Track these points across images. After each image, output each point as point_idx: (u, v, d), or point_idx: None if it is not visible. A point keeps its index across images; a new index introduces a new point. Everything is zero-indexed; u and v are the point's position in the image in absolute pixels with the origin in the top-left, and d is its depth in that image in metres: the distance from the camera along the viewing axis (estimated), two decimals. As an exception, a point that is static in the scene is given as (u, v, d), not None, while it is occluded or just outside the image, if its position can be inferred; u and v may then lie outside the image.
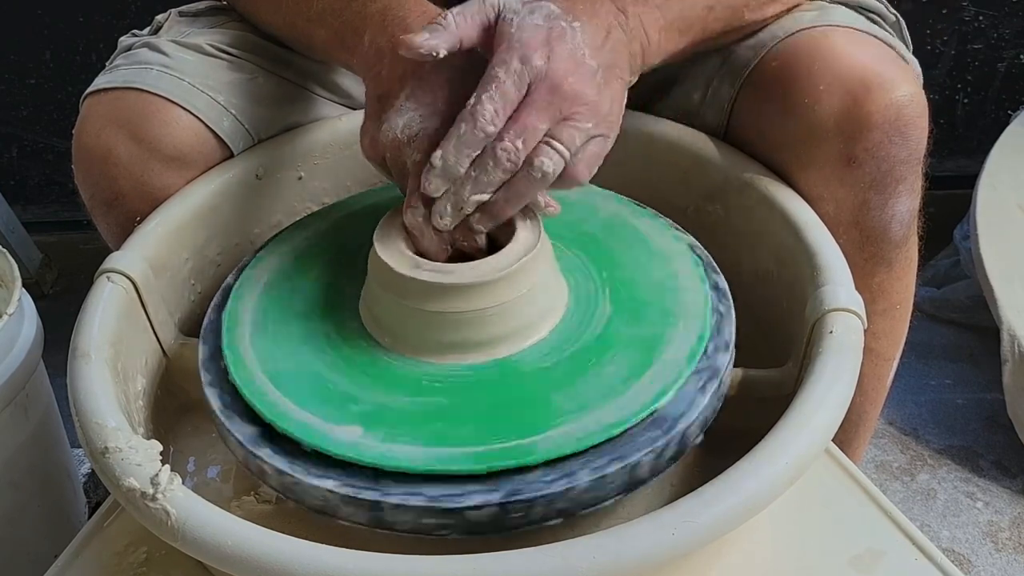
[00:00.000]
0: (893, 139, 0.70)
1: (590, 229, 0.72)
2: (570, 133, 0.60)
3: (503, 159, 0.58)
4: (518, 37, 0.59)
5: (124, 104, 0.75)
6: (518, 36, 0.59)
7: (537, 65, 0.59)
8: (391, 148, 0.62)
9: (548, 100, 0.59)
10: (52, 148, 1.70)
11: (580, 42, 0.61)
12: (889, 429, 1.30)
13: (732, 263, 0.72)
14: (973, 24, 1.51)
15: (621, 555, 0.48)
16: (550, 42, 0.60)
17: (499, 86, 0.58)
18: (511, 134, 0.58)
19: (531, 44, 0.59)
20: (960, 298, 1.42)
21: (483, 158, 0.59)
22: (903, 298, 0.81)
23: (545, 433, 0.57)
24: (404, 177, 0.63)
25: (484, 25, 0.62)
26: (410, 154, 0.62)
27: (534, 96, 0.59)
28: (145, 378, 0.70)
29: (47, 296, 1.71)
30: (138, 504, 0.53)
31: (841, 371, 0.58)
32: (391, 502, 0.55)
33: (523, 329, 0.63)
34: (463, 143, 0.58)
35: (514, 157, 0.59)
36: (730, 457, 0.53)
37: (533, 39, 0.59)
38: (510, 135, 0.58)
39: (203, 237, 0.78)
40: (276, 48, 0.83)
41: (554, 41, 0.60)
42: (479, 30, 0.62)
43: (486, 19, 0.62)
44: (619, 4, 0.65)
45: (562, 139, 0.59)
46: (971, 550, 1.13)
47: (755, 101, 0.76)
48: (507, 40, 0.60)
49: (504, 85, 0.58)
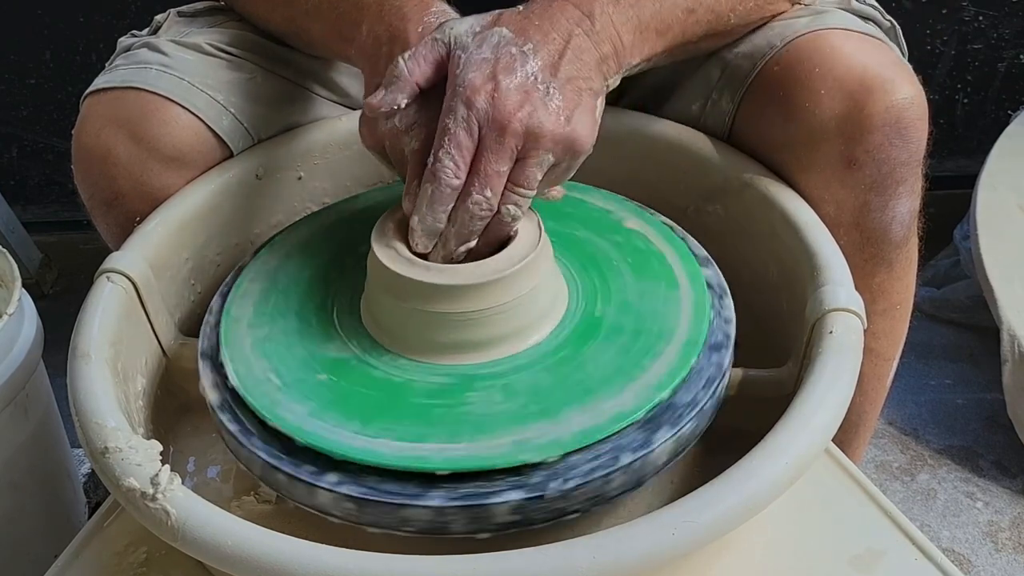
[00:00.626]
0: (893, 141, 0.70)
1: (587, 227, 0.72)
2: (529, 173, 0.60)
3: (476, 210, 0.60)
4: (462, 79, 0.59)
5: (123, 104, 0.75)
6: (462, 78, 0.59)
7: (482, 108, 0.58)
8: (390, 137, 0.63)
9: (500, 142, 0.59)
10: (52, 148, 1.70)
11: (532, 67, 0.60)
12: (889, 429, 1.30)
13: (732, 263, 0.72)
14: (973, 24, 1.51)
15: (621, 555, 0.48)
16: (496, 76, 0.59)
17: (451, 138, 0.59)
18: (476, 187, 0.59)
19: (474, 85, 0.59)
20: (960, 298, 1.42)
21: (459, 213, 0.60)
22: (903, 298, 0.81)
23: (564, 425, 0.57)
24: (403, 165, 0.63)
25: (438, 62, 0.62)
26: (408, 142, 0.62)
27: (486, 141, 0.59)
28: (145, 378, 0.70)
29: (47, 296, 1.71)
30: (138, 504, 0.53)
31: (841, 371, 0.58)
32: (419, 503, 0.55)
33: (524, 329, 0.63)
34: (434, 202, 0.60)
35: (486, 205, 0.60)
36: (730, 457, 0.53)
37: (476, 78, 0.59)
38: (476, 188, 0.59)
39: (203, 237, 0.78)
40: (275, 47, 0.83)
41: (500, 74, 0.59)
42: (433, 69, 0.62)
43: (439, 56, 0.62)
44: (584, 8, 0.64)
45: (521, 182, 0.60)
46: (971, 550, 1.13)
47: (756, 108, 0.76)
48: (452, 84, 0.60)
49: (456, 136, 0.59)
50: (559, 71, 0.61)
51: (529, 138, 0.59)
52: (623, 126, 0.82)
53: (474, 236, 0.61)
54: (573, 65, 0.62)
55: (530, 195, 0.61)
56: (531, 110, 0.59)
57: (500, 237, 0.63)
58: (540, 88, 0.60)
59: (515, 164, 0.60)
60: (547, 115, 0.59)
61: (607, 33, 0.64)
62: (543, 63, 0.61)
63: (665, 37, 0.68)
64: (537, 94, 0.59)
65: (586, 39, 0.63)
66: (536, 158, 0.60)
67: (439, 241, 0.62)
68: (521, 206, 0.61)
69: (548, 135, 0.59)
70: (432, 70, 0.62)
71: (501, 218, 0.61)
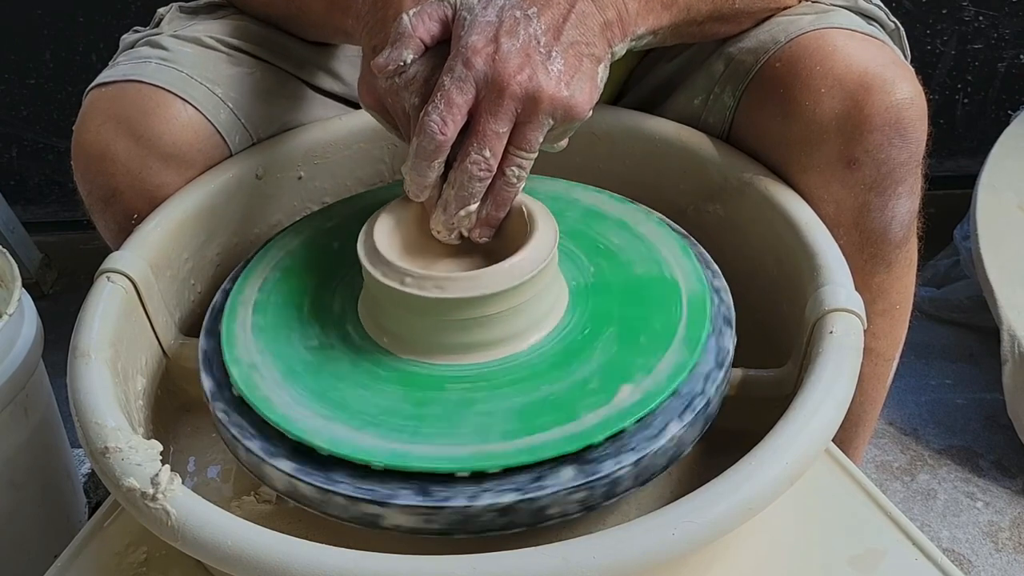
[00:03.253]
0: (893, 141, 0.70)
1: (587, 226, 0.72)
2: (529, 136, 0.61)
3: (475, 170, 0.60)
4: (464, 41, 0.60)
5: (123, 100, 0.75)
6: (464, 40, 0.60)
7: (480, 69, 0.59)
8: (390, 94, 0.63)
9: (498, 103, 0.59)
10: (52, 148, 1.70)
11: (535, 30, 0.61)
12: (889, 429, 1.30)
13: (732, 263, 0.72)
14: (973, 24, 1.51)
15: (621, 555, 0.48)
16: (498, 39, 0.60)
17: (444, 95, 0.59)
18: (475, 146, 0.60)
19: (475, 47, 0.59)
20: (960, 298, 1.42)
21: (457, 174, 0.61)
22: (903, 298, 0.81)
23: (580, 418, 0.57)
24: (406, 122, 0.64)
25: (443, 21, 0.63)
26: (408, 98, 0.62)
27: (484, 102, 0.59)
28: (145, 378, 0.70)
29: (47, 296, 1.71)
30: (138, 504, 0.53)
31: (841, 371, 0.58)
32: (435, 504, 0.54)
33: (526, 329, 0.63)
34: (419, 155, 0.60)
35: (484, 165, 0.60)
36: (730, 457, 0.53)
37: (479, 40, 0.60)
38: (475, 147, 0.60)
39: (203, 237, 0.78)
40: (275, 37, 0.84)
41: (503, 37, 0.60)
42: (440, 27, 0.62)
43: (444, 15, 0.63)
44: None
45: (521, 144, 0.61)
46: (971, 550, 1.13)
47: (756, 104, 0.76)
48: (455, 44, 0.61)
49: (449, 93, 0.59)
50: (562, 35, 0.61)
51: (528, 101, 0.59)
52: (623, 125, 0.82)
53: (474, 199, 0.62)
54: (576, 30, 0.62)
55: (531, 157, 0.62)
56: (531, 73, 0.59)
57: (507, 199, 0.63)
58: (542, 52, 0.60)
59: (515, 127, 0.60)
60: (547, 79, 0.60)
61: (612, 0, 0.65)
62: (546, 26, 0.61)
63: (671, 10, 0.69)
64: (539, 57, 0.60)
65: (590, 4, 0.63)
66: (536, 121, 0.60)
67: (439, 204, 0.62)
68: (524, 167, 0.62)
69: (547, 99, 0.60)
70: (438, 28, 0.62)
71: (506, 180, 0.62)
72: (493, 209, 0.63)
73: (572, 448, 0.55)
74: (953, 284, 1.44)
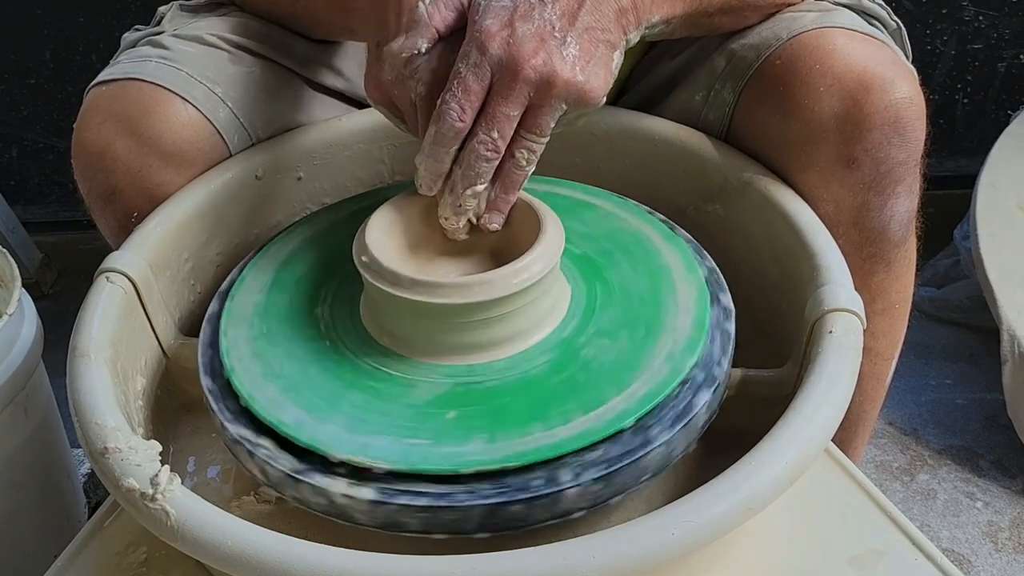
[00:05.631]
0: (892, 140, 0.70)
1: (586, 226, 0.72)
2: (542, 120, 0.61)
3: (482, 150, 0.60)
4: (479, 26, 0.60)
5: (124, 98, 0.75)
6: (479, 25, 0.60)
7: (495, 54, 0.59)
8: (396, 85, 0.63)
9: (511, 87, 0.59)
10: (52, 148, 1.70)
11: (549, 15, 0.61)
12: (889, 429, 1.30)
13: (732, 263, 0.72)
14: (973, 24, 1.51)
15: (621, 555, 0.48)
16: (512, 23, 0.60)
17: (460, 82, 0.59)
18: (484, 127, 0.60)
19: (490, 32, 0.60)
20: (960, 298, 1.42)
21: (465, 154, 0.61)
22: (902, 298, 0.81)
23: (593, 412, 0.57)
24: (412, 113, 0.64)
25: (459, 9, 0.63)
26: (414, 87, 0.62)
27: (498, 86, 0.60)
28: (145, 378, 0.70)
29: (47, 296, 1.71)
30: (138, 504, 0.53)
31: (841, 371, 0.58)
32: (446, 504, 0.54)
33: (527, 330, 0.63)
34: (437, 143, 0.61)
35: (492, 146, 0.60)
36: (730, 457, 0.53)
37: (493, 25, 0.60)
38: (483, 128, 0.60)
39: (203, 237, 0.78)
40: (277, 34, 0.84)
41: (517, 21, 0.60)
42: (455, 14, 0.63)
43: (460, 3, 0.63)
44: None
45: (533, 128, 0.61)
46: (971, 550, 1.13)
47: (756, 102, 0.76)
48: (470, 30, 0.61)
49: (465, 80, 0.59)
50: (577, 20, 0.61)
51: (542, 85, 0.60)
52: (622, 125, 0.82)
53: (481, 180, 0.62)
54: (592, 15, 0.62)
55: (542, 141, 0.62)
56: (546, 57, 0.59)
57: (516, 182, 0.63)
58: (557, 36, 0.60)
59: (528, 110, 0.61)
60: (562, 63, 0.60)
61: None
62: (561, 12, 0.61)
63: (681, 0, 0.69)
64: (553, 42, 0.60)
65: None
66: (549, 105, 0.60)
67: (446, 186, 0.63)
68: (535, 151, 0.62)
69: (561, 84, 0.60)
70: (454, 16, 0.63)
71: (516, 163, 0.62)
72: (502, 191, 0.63)
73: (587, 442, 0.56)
74: (953, 284, 1.44)
